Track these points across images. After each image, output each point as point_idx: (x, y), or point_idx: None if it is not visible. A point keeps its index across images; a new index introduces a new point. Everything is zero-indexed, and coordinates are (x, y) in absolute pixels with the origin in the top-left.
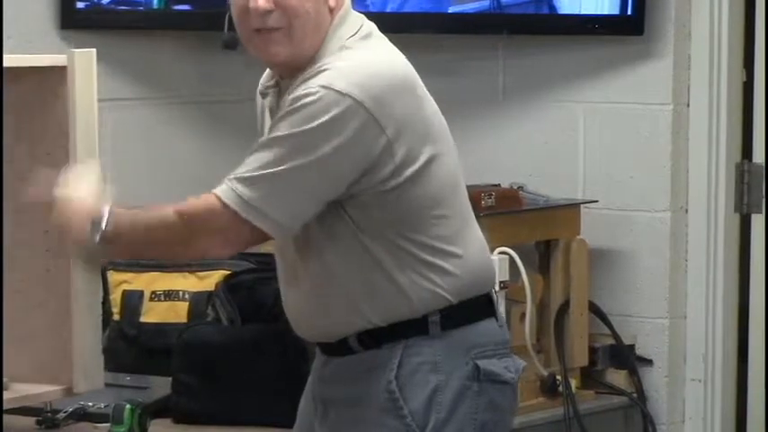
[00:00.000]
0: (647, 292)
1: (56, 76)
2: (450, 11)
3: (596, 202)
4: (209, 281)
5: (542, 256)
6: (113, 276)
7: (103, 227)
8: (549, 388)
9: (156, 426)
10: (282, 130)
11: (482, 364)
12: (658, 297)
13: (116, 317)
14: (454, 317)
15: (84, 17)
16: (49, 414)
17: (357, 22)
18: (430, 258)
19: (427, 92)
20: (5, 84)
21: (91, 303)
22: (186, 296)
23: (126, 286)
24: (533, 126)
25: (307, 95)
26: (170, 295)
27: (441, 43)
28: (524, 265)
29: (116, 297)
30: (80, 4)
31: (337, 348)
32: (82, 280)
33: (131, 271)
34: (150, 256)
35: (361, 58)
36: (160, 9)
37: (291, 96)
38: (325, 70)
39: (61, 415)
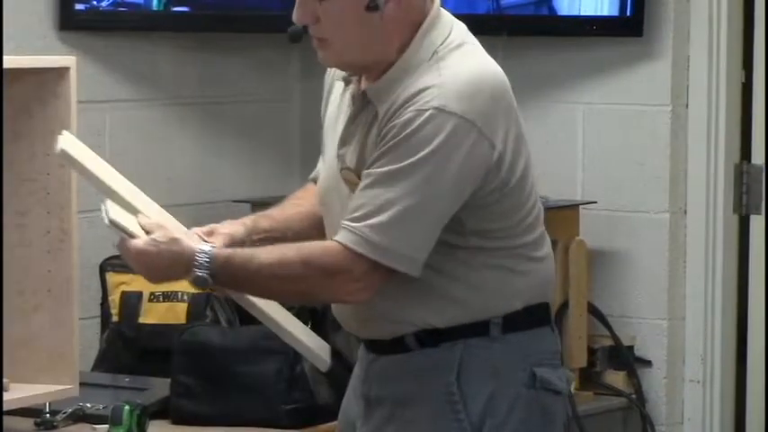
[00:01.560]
0: (645, 293)
1: (56, 78)
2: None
3: (595, 203)
4: None
5: None
6: (112, 277)
7: (200, 273)
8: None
9: (155, 427)
10: (396, 161)
11: (538, 371)
12: (657, 298)
13: (115, 318)
14: (516, 322)
15: (83, 19)
16: (48, 415)
17: (447, 24)
18: (509, 263)
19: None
20: (5, 84)
21: None
22: (185, 297)
23: (125, 287)
24: (532, 127)
25: (416, 120)
26: (169, 296)
27: None
28: None
29: (115, 298)
30: (79, 6)
31: (391, 347)
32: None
33: (130, 272)
34: (262, 298)
35: (461, 73)
36: (159, 11)
37: (400, 121)
38: (427, 89)
39: (60, 416)
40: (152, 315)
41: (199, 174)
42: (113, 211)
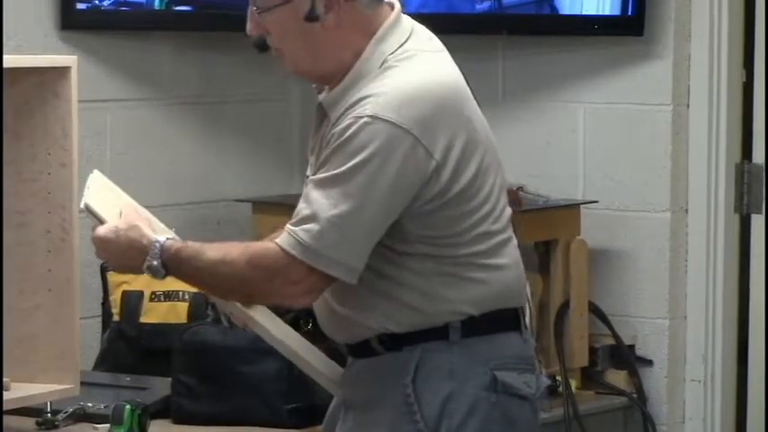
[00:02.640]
0: (647, 292)
1: (57, 77)
2: (450, 11)
3: (596, 202)
4: None
5: (542, 257)
6: (113, 277)
7: (153, 262)
8: (549, 388)
9: (156, 426)
10: (334, 167)
11: (500, 375)
12: (658, 297)
13: (116, 317)
14: (476, 326)
15: (85, 18)
16: (49, 415)
17: (404, 33)
18: (460, 272)
19: (476, 108)
20: (5, 84)
21: None
22: (186, 297)
23: (126, 287)
24: (533, 126)
25: (352, 127)
26: (170, 296)
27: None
28: (524, 265)
29: (116, 298)
30: (80, 6)
31: (360, 350)
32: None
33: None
34: (209, 294)
35: (403, 81)
36: (160, 10)
37: (338, 128)
38: (367, 97)
39: (61, 416)
40: (153, 314)
41: (199, 173)
42: (93, 197)
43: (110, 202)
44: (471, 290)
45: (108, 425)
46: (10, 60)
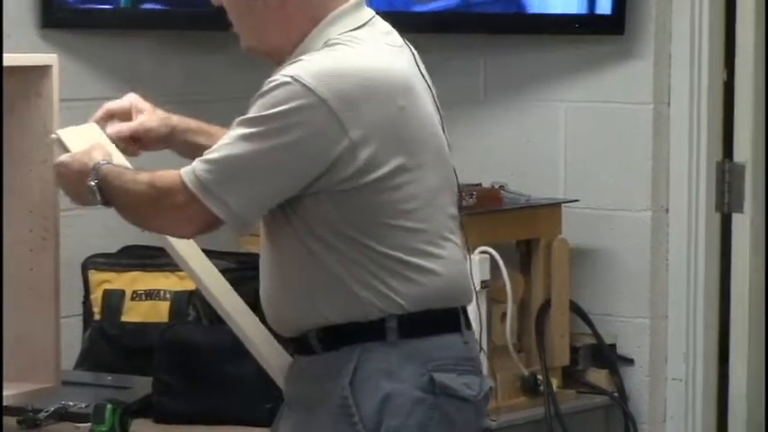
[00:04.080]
0: (628, 291)
1: (38, 76)
2: (420, 9)
3: (577, 201)
4: (189, 280)
5: (523, 256)
6: (94, 276)
7: (91, 183)
8: (531, 388)
9: (138, 425)
10: (249, 113)
11: (438, 377)
12: (639, 296)
13: (97, 316)
14: (413, 326)
15: (65, 17)
16: (31, 414)
17: (357, 22)
18: (390, 265)
19: (423, 105)
20: None
21: None
22: (167, 296)
23: (107, 286)
24: (514, 125)
25: (273, 82)
26: (151, 295)
27: (422, 43)
28: (505, 264)
29: (97, 296)
30: (60, 4)
31: (301, 346)
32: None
33: (112, 270)
34: (123, 217)
35: (338, 56)
36: (140, 9)
37: (265, 81)
38: (298, 61)
39: (42, 414)
40: (134, 313)
41: None
42: (70, 134)
43: (84, 140)
44: (403, 286)
45: (89, 424)
46: None
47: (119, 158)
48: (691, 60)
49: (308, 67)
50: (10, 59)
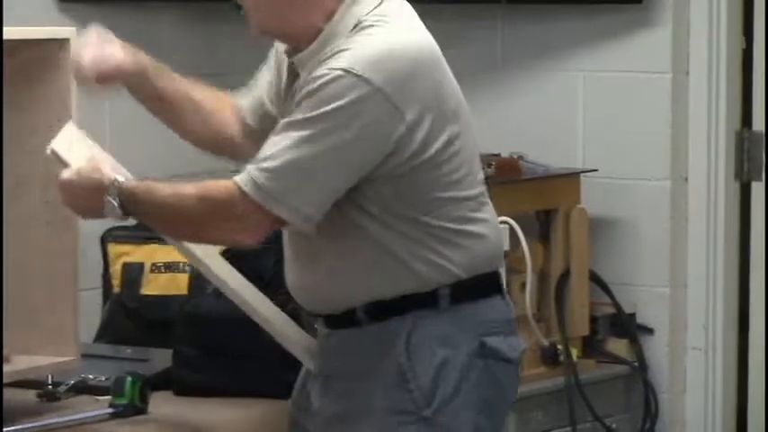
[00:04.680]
0: (647, 260)
1: (56, 48)
2: None
3: (596, 170)
4: None
5: (543, 226)
6: (114, 249)
7: (112, 200)
8: (550, 357)
9: (157, 398)
10: (300, 113)
11: (489, 341)
12: (659, 266)
13: (116, 289)
14: (464, 292)
15: None
16: (50, 387)
17: (378, 1)
18: (444, 236)
19: (448, 69)
20: (4, 56)
21: None
22: (187, 268)
23: (126, 258)
24: (533, 95)
25: (325, 77)
26: (171, 267)
27: (439, 12)
28: (525, 234)
29: (116, 269)
30: None
31: (343, 321)
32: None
33: (132, 243)
34: (163, 233)
35: (379, 40)
36: None
37: (310, 76)
38: (343, 51)
39: (62, 388)
40: (154, 286)
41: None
42: (61, 144)
43: (79, 150)
44: (455, 254)
45: (109, 396)
46: (9, 32)
47: (125, 173)
48: (709, 29)
49: (355, 56)
50: (28, 32)
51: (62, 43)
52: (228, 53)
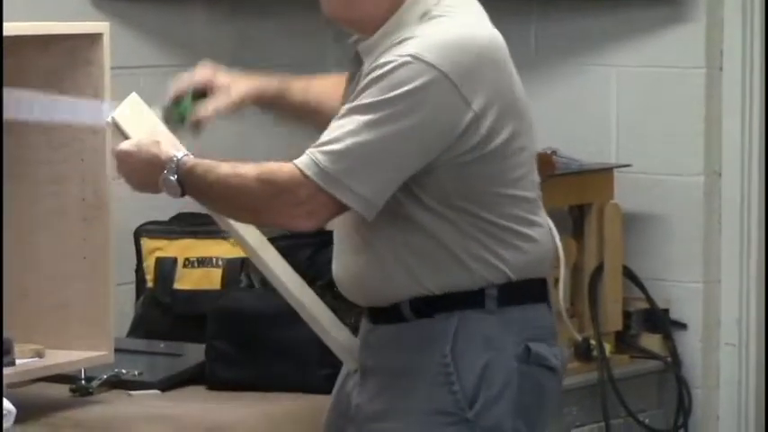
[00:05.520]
0: (680, 256)
1: (89, 44)
2: None
3: (629, 166)
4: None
5: (576, 221)
6: (147, 243)
7: (170, 176)
8: (584, 352)
9: (191, 392)
10: (366, 98)
11: (533, 346)
12: (692, 261)
13: (150, 284)
14: (512, 295)
15: None
16: (83, 381)
17: None
18: (500, 234)
19: (513, 67)
20: (37, 51)
21: None
22: (220, 263)
23: (159, 253)
24: (566, 90)
25: (392, 62)
26: (204, 262)
27: None
28: (558, 229)
29: (150, 264)
30: None
31: (388, 315)
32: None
33: (165, 238)
34: (220, 214)
35: (447, 29)
36: None
37: (376, 63)
38: (411, 38)
39: (95, 382)
40: (187, 281)
41: (232, 139)
42: (122, 114)
43: (139, 122)
44: (511, 255)
45: (142, 391)
46: (42, 27)
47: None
48: (743, 23)
49: (423, 43)
50: (61, 27)
51: (95, 38)
52: (264, 47)
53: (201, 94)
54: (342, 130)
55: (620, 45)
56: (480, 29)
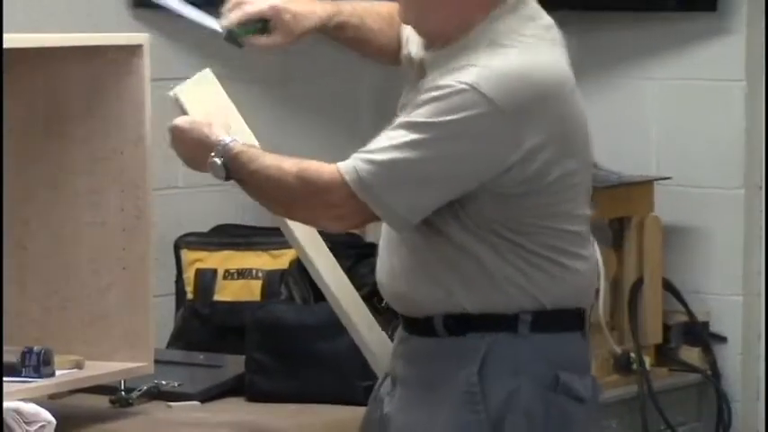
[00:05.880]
0: (721, 269)
1: (129, 55)
2: None
3: (670, 178)
4: (282, 259)
5: (616, 233)
6: (187, 255)
7: (215, 159)
8: (623, 365)
9: (231, 404)
10: (418, 116)
11: (563, 375)
12: (732, 274)
13: (189, 295)
14: (546, 322)
15: None
16: (123, 393)
17: (522, 20)
18: (537, 262)
19: (580, 102)
20: (78, 62)
21: None
22: (260, 275)
23: (199, 265)
24: (606, 103)
25: (450, 87)
26: (243, 274)
27: None
28: (598, 242)
29: (189, 276)
30: None
31: (421, 328)
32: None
33: (205, 249)
34: (257, 201)
35: (513, 61)
36: None
37: (436, 83)
38: (473, 66)
39: (135, 393)
40: (226, 292)
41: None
42: (186, 90)
43: (202, 99)
44: (548, 283)
45: (181, 402)
46: (82, 38)
47: (241, 128)
48: None
49: (484, 73)
50: (101, 38)
51: (135, 50)
52: (299, 59)
53: (265, 21)
54: (389, 142)
55: (661, 58)
56: (545, 63)
